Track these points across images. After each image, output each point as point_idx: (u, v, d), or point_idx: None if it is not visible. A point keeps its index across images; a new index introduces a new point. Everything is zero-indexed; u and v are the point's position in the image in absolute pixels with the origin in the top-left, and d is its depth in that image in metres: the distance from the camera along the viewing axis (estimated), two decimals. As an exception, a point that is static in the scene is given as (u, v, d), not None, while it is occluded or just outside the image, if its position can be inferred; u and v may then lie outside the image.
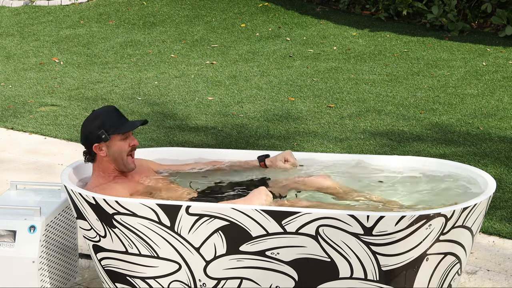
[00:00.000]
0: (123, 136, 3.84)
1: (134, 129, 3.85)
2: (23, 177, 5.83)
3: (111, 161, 3.85)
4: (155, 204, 3.54)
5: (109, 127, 3.80)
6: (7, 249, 3.86)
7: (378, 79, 8.34)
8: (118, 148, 3.83)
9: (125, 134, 3.84)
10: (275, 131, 6.80)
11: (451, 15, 10.06)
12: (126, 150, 3.85)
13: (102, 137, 3.80)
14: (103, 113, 3.85)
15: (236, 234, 3.51)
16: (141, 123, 3.85)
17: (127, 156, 3.86)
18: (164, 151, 4.26)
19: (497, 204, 5.14)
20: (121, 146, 3.84)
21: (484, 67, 8.66)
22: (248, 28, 10.83)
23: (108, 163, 3.86)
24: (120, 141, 3.84)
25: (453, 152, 6.13)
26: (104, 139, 3.80)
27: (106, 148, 3.83)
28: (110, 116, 3.83)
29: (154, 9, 11.89)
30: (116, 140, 3.83)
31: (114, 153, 3.84)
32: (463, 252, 3.59)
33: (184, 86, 8.34)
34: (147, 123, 4.03)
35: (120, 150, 3.84)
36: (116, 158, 3.84)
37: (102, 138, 3.80)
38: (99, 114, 3.84)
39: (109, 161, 3.86)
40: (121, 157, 3.84)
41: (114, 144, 3.83)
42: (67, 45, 10.40)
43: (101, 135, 3.80)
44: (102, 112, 3.86)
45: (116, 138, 3.83)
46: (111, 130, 3.80)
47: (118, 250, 3.69)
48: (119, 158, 3.84)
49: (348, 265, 3.47)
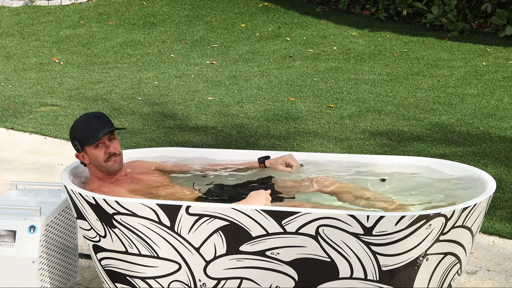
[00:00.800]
0: (94, 145, 3.84)
1: (98, 140, 3.82)
2: (23, 177, 5.83)
3: (95, 167, 3.88)
4: (155, 204, 3.54)
5: (80, 139, 3.85)
6: (7, 249, 3.86)
7: (378, 79, 8.34)
8: (94, 157, 3.87)
9: (96, 143, 3.84)
10: (275, 131, 6.80)
11: (451, 15, 10.06)
12: (102, 158, 3.85)
13: (75, 148, 3.89)
14: (76, 124, 3.89)
15: (236, 234, 3.51)
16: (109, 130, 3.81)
17: (105, 162, 3.86)
18: (164, 151, 4.26)
19: (497, 204, 5.14)
20: (96, 154, 3.86)
21: (484, 67, 8.66)
22: (248, 28, 10.84)
23: (95, 168, 3.90)
24: (94, 150, 3.85)
25: (453, 152, 6.14)
26: (78, 150, 3.89)
27: (87, 156, 3.87)
28: (82, 127, 3.86)
29: (154, 9, 11.89)
30: (91, 149, 3.86)
31: (93, 161, 3.88)
32: (463, 252, 3.59)
33: (184, 86, 8.34)
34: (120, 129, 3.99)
35: (96, 159, 3.86)
36: (97, 165, 3.88)
37: (76, 149, 3.88)
38: (74, 125, 3.90)
39: (94, 166, 3.89)
40: (99, 164, 3.87)
41: (90, 153, 3.87)
42: (67, 45, 10.40)
43: (75, 146, 3.88)
44: (77, 122, 3.89)
45: (90, 148, 3.86)
46: (82, 141, 3.85)
47: (118, 250, 3.69)
48: (98, 165, 3.88)
49: (348, 265, 3.47)
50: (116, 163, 3.89)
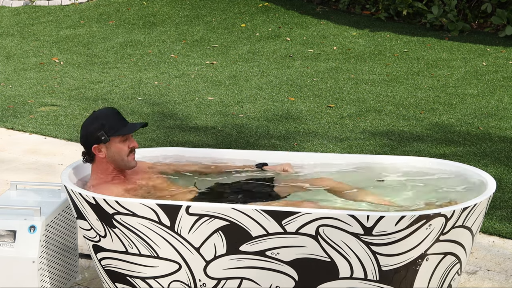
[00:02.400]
0: (122, 138, 3.85)
1: (134, 131, 3.86)
2: (23, 177, 5.83)
3: (110, 162, 3.86)
4: (155, 204, 3.54)
5: (109, 129, 3.81)
6: (7, 249, 3.86)
7: (378, 79, 8.34)
8: (117, 150, 3.84)
9: (125, 136, 3.85)
10: (275, 131, 6.80)
11: (451, 15, 10.06)
12: (125, 151, 3.86)
13: (102, 138, 3.81)
14: (103, 114, 3.85)
15: (236, 234, 3.51)
16: (141, 125, 3.86)
17: (127, 156, 3.87)
18: (164, 151, 4.26)
19: (497, 204, 5.14)
20: (121, 148, 3.85)
21: (484, 67, 8.66)
22: (248, 28, 10.83)
23: (107, 164, 3.87)
24: (119, 143, 3.85)
25: (453, 152, 6.13)
26: (104, 140, 3.81)
27: (106, 150, 3.84)
28: (110, 118, 3.84)
29: (154, 9, 11.89)
30: (116, 142, 3.84)
31: (113, 154, 3.84)
32: (463, 252, 3.59)
33: (184, 86, 8.34)
34: (147, 125, 4.02)
35: (119, 152, 3.85)
36: (116, 159, 3.85)
37: (101, 139, 3.81)
38: (99, 115, 3.85)
39: (108, 162, 3.86)
40: (121, 158, 3.85)
41: (113, 145, 3.84)
42: (67, 45, 10.40)
43: (101, 136, 3.81)
44: (102, 113, 3.86)
45: (116, 140, 3.84)
46: (111, 132, 3.81)
47: (118, 250, 3.69)
48: (119, 159, 3.85)
49: (348, 265, 3.47)
50: (135, 160, 3.91)
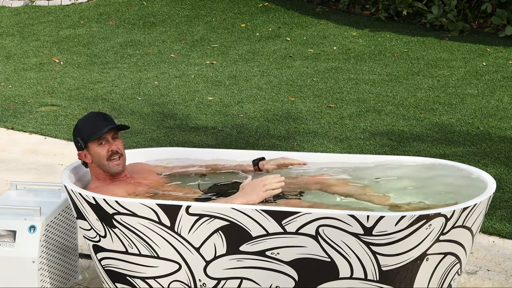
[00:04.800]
0: (98, 142, 3.83)
1: (102, 134, 3.81)
2: (23, 177, 5.83)
3: (98, 166, 3.87)
4: (155, 204, 3.54)
5: (84, 135, 3.84)
6: (7, 249, 3.86)
7: (378, 79, 8.34)
8: (96, 155, 3.85)
9: (100, 140, 3.83)
10: (275, 131, 6.80)
11: (451, 15, 10.06)
12: (104, 155, 3.84)
13: (78, 145, 3.86)
14: (82, 120, 3.89)
15: (236, 234, 3.51)
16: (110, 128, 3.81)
17: (107, 161, 3.84)
18: (164, 151, 4.26)
19: (497, 204, 5.14)
20: (99, 152, 3.84)
21: (484, 67, 8.66)
22: (248, 28, 10.84)
23: (97, 168, 3.88)
24: (97, 147, 3.84)
25: (453, 152, 6.14)
26: (80, 147, 3.86)
27: (90, 155, 3.86)
28: (88, 123, 3.85)
29: (154, 9, 11.89)
30: (94, 147, 3.84)
31: (95, 159, 3.86)
32: (463, 252, 3.59)
33: (184, 86, 8.34)
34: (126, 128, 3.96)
35: (98, 156, 3.84)
36: (99, 164, 3.86)
37: (79, 146, 3.86)
38: (79, 122, 3.90)
39: (96, 166, 3.87)
40: (101, 162, 3.85)
41: (92, 151, 3.85)
42: (67, 45, 10.40)
43: (77, 143, 3.87)
44: (82, 119, 3.90)
45: (93, 145, 3.84)
46: (85, 137, 3.83)
47: (118, 250, 3.69)
48: (101, 164, 3.85)
49: (348, 265, 3.47)
50: (119, 166, 3.86)
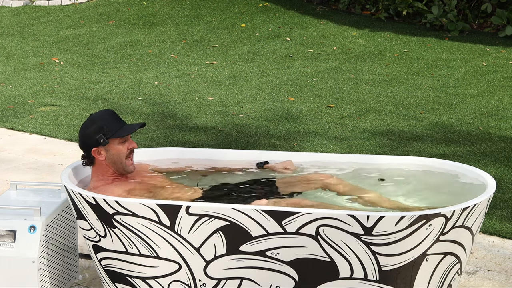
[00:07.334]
0: (121, 139, 3.85)
1: (133, 132, 3.86)
2: (23, 177, 5.83)
3: (110, 164, 3.86)
4: (155, 204, 3.54)
5: (107, 131, 3.81)
6: (7, 249, 3.86)
7: (378, 79, 8.34)
8: (116, 152, 3.84)
9: (124, 138, 3.85)
10: (275, 131, 6.80)
11: (451, 15, 10.06)
12: (124, 153, 3.86)
13: (100, 141, 3.81)
14: (100, 117, 3.85)
15: (236, 234, 3.51)
16: (140, 126, 3.86)
17: (126, 159, 3.86)
18: (164, 151, 4.26)
19: (497, 204, 5.14)
20: (120, 149, 3.85)
21: (484, 67, 8.66)
22: (248, 28, 10.83)
23: (107, 167, 3.87)
24: (118, 145, 3.85)
25: (453, 152, 6.13)
26: (103, 143, 3.82)
27: (105, 152, 3.84)
28: (108, 120, 3.84)
29: (154, 9, 11.89)
30: (115, 143, 3.84)
31: (112, 156, 3.84)
32: (463, 252, 3.59)
33: (184, 86, 8.34)
34: (145, 125, 4.01)
35: (118, 154, 3.84)
36: (115, 161, 3.85)
37: (100, 142, 3.82)
38: (97, 118, 3.85)
39: (108, 164, 3.87)
40: (120, 160, 3.85)
41: (112, 147, 3.84)
42: (67, 45, 10.40)
43: (100, 139, 3.81)
44: (100, 116, 3.86)
45: (115, 142, 3.84)
46: (109, 134, 3.81)
47: (118, 250, 3.69)
48: (118, 161, 3.85)
49: (348, 265, 3.47)
50: (132, 165, 3.90)
